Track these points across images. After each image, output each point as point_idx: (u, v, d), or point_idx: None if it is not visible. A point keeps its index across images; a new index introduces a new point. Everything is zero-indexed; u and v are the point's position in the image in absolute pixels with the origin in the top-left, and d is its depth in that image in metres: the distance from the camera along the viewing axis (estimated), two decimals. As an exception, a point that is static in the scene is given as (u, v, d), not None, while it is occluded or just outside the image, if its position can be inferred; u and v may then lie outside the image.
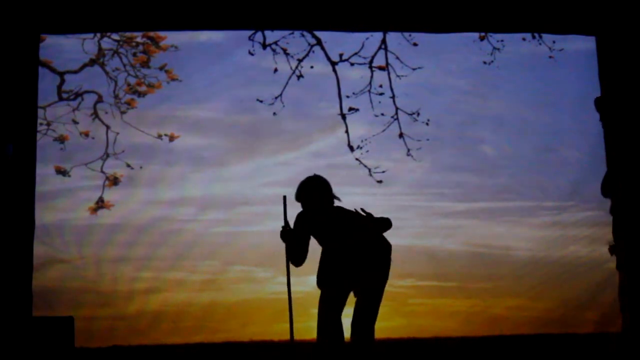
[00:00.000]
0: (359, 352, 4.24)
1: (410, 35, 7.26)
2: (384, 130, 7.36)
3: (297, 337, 6.90)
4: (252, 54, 7.26)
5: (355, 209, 4.40)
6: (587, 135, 6.78)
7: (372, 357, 4.23)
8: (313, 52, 7.35)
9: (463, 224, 7.35)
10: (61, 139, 7.15)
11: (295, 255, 4.36)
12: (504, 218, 7.29)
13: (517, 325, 6.95)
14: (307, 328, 7.18)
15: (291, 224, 4.42)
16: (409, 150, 7.34)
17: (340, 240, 4.33)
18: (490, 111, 7.54)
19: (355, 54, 7.36)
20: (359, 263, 4.28)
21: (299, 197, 4.44)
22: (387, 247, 4.38)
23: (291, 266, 4.46)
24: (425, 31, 5.99)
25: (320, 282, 4.38)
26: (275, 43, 7.26)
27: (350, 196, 7.51)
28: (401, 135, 7.37)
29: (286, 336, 6.85)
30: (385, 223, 4.35)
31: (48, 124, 7.09)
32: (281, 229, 4.43)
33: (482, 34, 7.24)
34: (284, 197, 4.47)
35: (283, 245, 4.42)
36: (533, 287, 6.99)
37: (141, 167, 7.27)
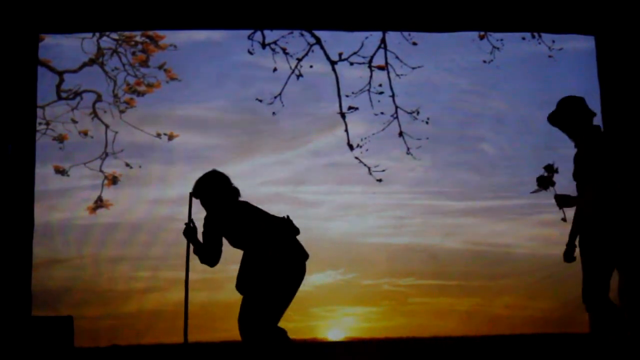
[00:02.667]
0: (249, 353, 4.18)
1: (409, 35, 7.26)
2: (383, 129, 7.37)
3: (297, 336, 6.92)
4: (251, 53, 7.27)
5: (285, 216, 4.34)
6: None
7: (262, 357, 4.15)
8: (312, 51, 7.35)
9: (463, 223, 7.35)
10: (60, 139, 7.15)
11: (208, 257, 4.33)
12: (504, 216, 7.30)
13: (518, 325, 6.95)
14: (306, 327, 7.19)
15: (198, 224, 4.38)
16: (408, 149, 7.34)
17: (250, 239, 4.26)
18: (490, 110, 7.54)
19: (355, 53, 7.37)
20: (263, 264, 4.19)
21: (197, 193, 4.36)
22: (300, 255, 4.27)
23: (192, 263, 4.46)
24: (425, 30, 5.98)
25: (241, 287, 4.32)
26: (275, 42, 7.26)
27: (351, 195, 7.56)
28: (401, 134, 7.38)
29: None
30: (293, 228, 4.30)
31: (47, 124, 7.09)
32: (185, 226, 4.39)
33: (482, 33, 7.24)
34: (190, 194, 4.40)
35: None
36: (533, 286, 6.99)
37: (140, 167, 7.27)
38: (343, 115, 7.44)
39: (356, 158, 7.38)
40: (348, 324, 7.28)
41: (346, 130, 7.43)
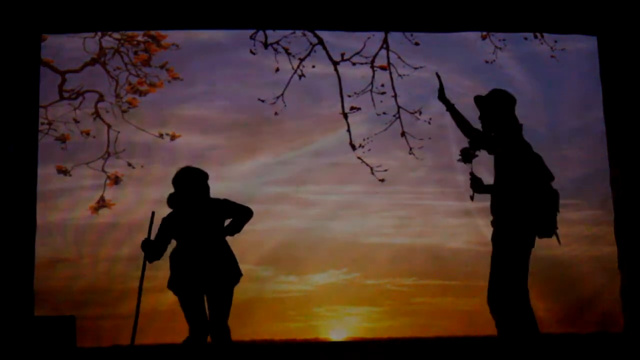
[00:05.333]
0: (220, 352, 4.36)
1: (412, 35, 7.26)
2: (385, 129, 7.37)
3: (298, 336, 6.92)
4: (253, 53, 7.26)
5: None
6: (589, 134, 6.78)
7: (232, 355, 4.34)
8: (314, 51, 7.35)
9: (465, 223, 7.33)
10: (62, 139, 7.16)
11: (153, 255, 4.55)
12: (506, 217, 7.27)
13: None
14: (308, 327, 7.19)
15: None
16: (410, 148, 7.34)
17: (205, 235, 4.44)
18: (491, 110, 7.51)
19: (357, 53, 7.36)
20: (209, 265, 4.38)
21: (176, 181, 4.55)
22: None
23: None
24: (427, 31, 5.99)
25: (172, 286, 4.52)
26: (277, 42, 7.26)
27: (353, 195, 7.56)
28: (403, 134, 7.37)
29: (286, 335, 6.88)
30: (247, 212, 4.51)
31: (49, 124, 7.10)
32: (144, 239, 4.55)
33: (484, 33, 7.24)
34: (153, 213, 4.59)
35: (283, 244, 4.51)
36: (535, 286, 6.96)
37: (142, 166, 7.27)
38: (345, 116, 7.44)
39: (358, 158, 7.38)
40: (350, 323, 7.28)
41: (348, 130, 7.44)
